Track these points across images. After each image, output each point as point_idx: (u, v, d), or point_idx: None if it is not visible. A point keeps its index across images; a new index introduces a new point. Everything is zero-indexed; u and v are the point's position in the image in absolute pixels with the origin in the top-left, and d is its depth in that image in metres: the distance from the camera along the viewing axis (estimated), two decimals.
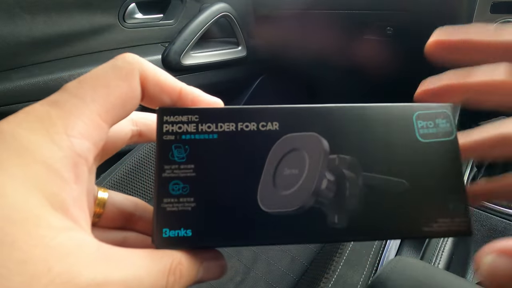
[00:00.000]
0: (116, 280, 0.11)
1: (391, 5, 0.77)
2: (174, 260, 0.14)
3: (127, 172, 0.61)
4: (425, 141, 0.17)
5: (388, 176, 0.17)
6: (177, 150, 0.16)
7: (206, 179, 0.16)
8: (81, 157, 0.12)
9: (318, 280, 0.42)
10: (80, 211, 0.12)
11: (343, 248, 0.45)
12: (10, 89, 0.65)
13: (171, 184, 0.15)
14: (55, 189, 0.11)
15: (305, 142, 0.17)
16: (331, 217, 0.16)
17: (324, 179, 0.16)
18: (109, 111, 0.13)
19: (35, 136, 0.11)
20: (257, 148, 0.16)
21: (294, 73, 1.18)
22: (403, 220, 0.16)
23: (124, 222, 0.18)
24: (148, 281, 0.12)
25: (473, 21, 0.63)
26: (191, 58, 0.88)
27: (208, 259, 0.16)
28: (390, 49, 0.84)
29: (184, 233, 0.15)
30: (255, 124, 0.16)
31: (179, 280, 0.14)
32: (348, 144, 0.17)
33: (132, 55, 0.14)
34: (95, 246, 0.12)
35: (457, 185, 0.17)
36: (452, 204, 0.16)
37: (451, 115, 0.18)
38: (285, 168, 0.16)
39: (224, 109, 0.17)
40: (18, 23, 0.67)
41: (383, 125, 0.17)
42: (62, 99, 0.13)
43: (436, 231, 0.16)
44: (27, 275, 0.10)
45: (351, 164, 0.16)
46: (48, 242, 0.10)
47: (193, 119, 0.16)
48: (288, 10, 0.94)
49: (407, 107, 0.17)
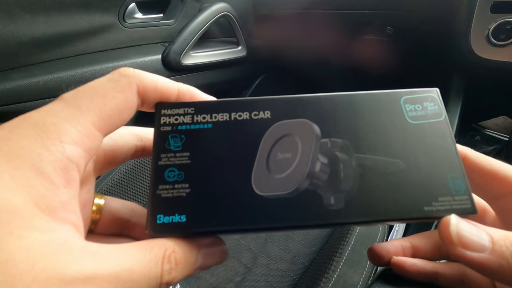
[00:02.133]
0: (105, 272, 0.11)
1: (391, 5, 0.77)
2: (168, 248, 0.14)
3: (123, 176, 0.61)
4: (415, 122, 0.17)
5: (383, 157, 0.17)
6: (173, 139, 0.16)
7: (201, 166, 0.16)
8: (72, 162, 0.12)
9: (318, 280, 0.42)
10: (70, 214, 0.12)
11: (343, 248, 0.45)
12: (10, 89, 0.65)
13: (166, 171, 0.16)
14: (42, 192, 0.11)
15: (297, 127, 0.17)
16: (327, 199, 0.16)
17: (318, 161, 0.16)
18: (103, 120, 0.14)
19: (27, 141, 0.12)
20: (250, 135, 0.17)
21: (294, 73, 1.18)
22: (402, 200, 0.16)
23: (120, 228, 0.18)
24: (140, 271, 0.12)
25: (473, 21, 0.63)
26: (191, 58, 0.88)
27: (207, 245, 0.16)
28: (390, 49, 0.84)
29: (179, 218, 0.15)
30: (247, 113, 0.17)
31: (176, 267, 0.14)
32: (339, 129, 0.17)
33: (129, 69, 0.15)
34: (81, 244, 0.12)
35: (454, 163, 0.17)
36: (452, 181, 0.16)
37: (438, 98, 0.18)
38: (278, 152, 0.16)
39: (219, 101, 0.17)
40: (18, 23, 0.67)
41: (372, 110, 0.18)
42: (58, 107, 0.13)
43: (437, 210, 0.16)
44: (8, 274, 0.10)
45: (344, 146, 0.17)
46: (31, 242, 0.10)
47: (189, 111, 0.17)
48: (288, 10, 0.94)
49: (394, 93, 0.18)
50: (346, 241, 0.46)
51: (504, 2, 0.60)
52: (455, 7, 0.67)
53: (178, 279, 0.14)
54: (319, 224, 0.16)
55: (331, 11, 0.86)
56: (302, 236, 0.54)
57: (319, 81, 1.09)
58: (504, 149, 0.80)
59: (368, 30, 0.84)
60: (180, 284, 0.48)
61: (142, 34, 0.90)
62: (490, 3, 0.61)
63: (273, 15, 0.98)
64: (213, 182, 0.16)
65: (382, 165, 0.16)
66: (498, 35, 0.61)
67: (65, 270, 0.10)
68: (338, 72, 1.02)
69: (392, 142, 0.17)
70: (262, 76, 1.20)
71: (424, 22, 0.75)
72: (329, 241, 0.52)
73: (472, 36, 0.64)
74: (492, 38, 0.62)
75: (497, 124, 0.88)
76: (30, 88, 0.67)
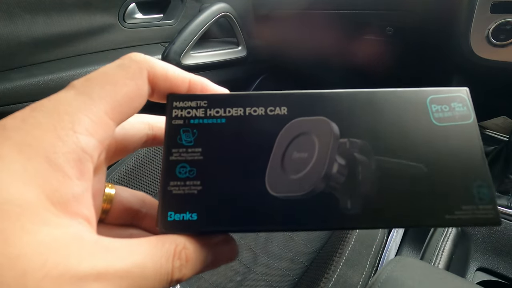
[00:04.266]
0: (117, 269, 0.11)
1: (391, 5, 0.77)
2: (178, 245, 0.13)
3: (128, 171, 0.61)
4: (441, 124, 0.16)
5: (404, 160, 0.16)
6: (185, 134, 0.16)
7: (213, 163, 0.15)
8: (87, 154, 0.12)
9: (318, 280, 0.42)
10: (82, 208, 0.12)
11: (343, 248, 0.45)
12: (10, 89, 0.65)
13: (178, 167, 0.15)
14: (55, 185, 0.11)
15: (315, 126, 0.16)
16: (343, 203, 0.15)
17: (335, 162, 0.16)
18: (116, 109, 0.13)
19: (39, 131, 0.11)
20: (265, 132, 0.16)
21: (294, 73, 1.18)
22: (423, 207, 0.15)
23: (130, 218, 0.18)
24: (152, 267, 0.12)
25: (473, 21, 0.63)
26: (191, 58, 0.88)
27: (217, 243, 0.15)
28: (390, 49, 0.84)
29: (190, 216, 0.15)
30: (263, 109, 0.16)
31: (186, 264, 0.13)
32: (358, 128, 0.16)
33: (140, 54, 0.14)
34: (94, 239, 0.11)
35: (480, 169, 0.16)
36: (477, 189, 0.15)
37: (467, 99, 0.17)
38: (294, 152, 0.16)
39: (233, 95, 0.17)
40: (18, 23, 0.67)
41: (395, 109, 0.16)
42: (70, 95, 0.13)
43: (459, 219, 0.15)
44: (20, 270, 0.09)
45: (363, 147, 0.16)
46: (43, 237, 0.10)
47: (201, 104, 0.16)
48: (288, 10, 0.94)
49: (420, 92, 0.17)
50: (346, 241, 0.46)
51: (504, 2, 0.60)
52: (455, 7, 0.67)
53: (188, 276, 0.14)
54: (334, 228, 0.15)
55: (331, 11, 0.86)
56: (302, 236, 0.54)
57: (319, 81, 1.09)
58: (504, 149, 0.80)
59: (368, 30, 0.84)
60: (180, 284, 0.48)
61: (142, 34, 0.90)
62: (490, 3, 0.61)
63: (273, 15, 0.98)
64: (225, 180, 0.15)
65: (403, 169, 0.16)
66: (498, 35, 0.61)
67: (77, 266, 0.10)
68: (338, 72, 1.02)
69: (415, 144, 0.16)
70: (262, 76, 1.20)
71: (424, 22, 0.75)
72: (329, 241, 0.52)
73: (472, 36, 0.64)
74: (492, 38, 0.62)
75: (497, 124, 0.88)
76: (30, 88, 0.67)
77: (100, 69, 0.14)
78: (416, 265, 0.36)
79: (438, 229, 0.58)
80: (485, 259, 0.56)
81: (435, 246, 0.55)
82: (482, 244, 0.58)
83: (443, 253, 0.54)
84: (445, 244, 0.55)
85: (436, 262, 0.53)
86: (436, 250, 0.54)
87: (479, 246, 0.58)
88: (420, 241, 0.60)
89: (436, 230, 0.58)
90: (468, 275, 0.55)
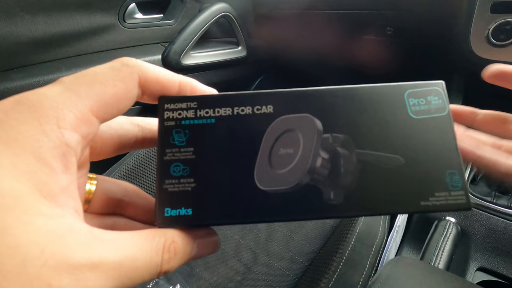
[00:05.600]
0: (110, 260, 0.11)
1: (391, 5, 0.77)
2: (168, 238, 0.14)
3: (128, 171, 0.61)
4: (417, 117, 0.17)
5: (383, 153, 0.17)
6: (177, 134, 0.17)
7: (205, 161, 0.16)
8: (70, 148, 0.13)
9: (318, 280, 0.42)
10: (70, 200, 0.12)
11: (343, 248, 0.45)
12: (10, 89, 0.65)
13: (172, 166, 0.16)
14: (43, 178, 0.11)
15: (299, 122, 0.17)
16: (327, 194, 0.16)
17: (319, 157, 0.17)
18: (102, 108, 0.14)
19: (25, 126, 0.12)
20: (253, 130, 0.17)
21: (294, 73, 1.18)
22: (400, 195, 0.16)
23: (113, 207, 0.18)
24: (142, 259, 0.13)
25: (473, 21, 0.63)
26: (191, 58, 0.88)
27: (201, 236, 0.16)
28: (390, 49, 0.84)
29: (185, 212, 0.16)
30: (250, 108, 0.17)
31: (174, 257, 0.14)
32: (341, 123, 0.17)
33: (131, 59, 0.15)
34: (87, 230, 0.12)
35: (453, 158, 0.17)
36: (450, 177, 0.17)
37: (442, 92, 0.18)
38: (280, 148, 0.17)
39: (221, 95, 0.18)
40: (18, 23, 0.67)
41: (375, 104, 0.17)
42: (56, 90, 0.13)
43: (433, 205, 0.16)
44: (20, 259, 0.10)
45: (345, 141, 0.17)
46: (39, 227, 0.10)
47: (191, 105, 0.17)
48: (288, 10, 0.94)
49: (398, 86, 0.18)
50: (346, 241, 0.46)
51: (504, 2, 0.60)
52: (455, 7, 0.67)
53: (175, 268, 0.14)
54: (318, 217, 0.16)
55: (331, 11, 0.86)
56: (302, 236, 0.54)
57: (319, 81, 1.09)
58: None
59: (368, 30, 0.84)
60: (180, 284, 0.48)
61: (142, 34, 0.90)
62: (490, 3, 0.61)
63: (273, 15, 0.98)
64: (217, 177, 0.16)
65: (382, 161, 0.17)
66: (498, 35, 0.61)
67: (73, 256, 0.11)
68: (338, 72, 1.02)
69: (393, 137, 0.17)
70: (262, 76, 1.20)
71: (424, 22, 0.75)
72: (329, 241, 0.52)
73: (472, 36, 0.64)
74: (492, 38, 0.62)
75: None
76: (30, 88, 0.66)
77: (91, 69, 0.14)
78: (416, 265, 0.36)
79: (438, 229, 0.58)
80: (485, 259, 0.56)
81: (435, 246, 0.55)
82: (482, 244, 0.58)
83: (443, 253, 0.54)
84: (445, 244, 0.55)
85: (436, 262, 0.53)
86: (436, 250, 0.54)
87: (479, 246, 0.58)
88: (420, 241, 0.60)
89: (436, 230, 0.58)
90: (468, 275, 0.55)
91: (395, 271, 0.34)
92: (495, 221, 0.59)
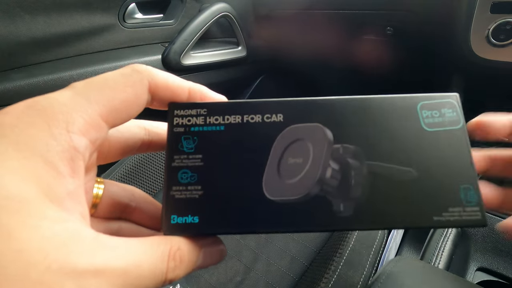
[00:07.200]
0: (114, 267, 0.11)
1: (391, 5, 0.77)
2: (173, 246, 0.14)
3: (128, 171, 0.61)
4: (431, 130, 0.17)
5: (395, 165, 0.16)
6: (186, 141, 0.17)
7: (213, 168, 0.16)
8: (78, 153, 0.13)
9: (318, 280, 0.42)
10: (76, 204, 0.12)
11: (343, 248, 0.45)
12: (10, 89, 0.65)
13: (180, 173, 0.16)
14: (51, 182, 0.11)
15: (309, 132, 0.17)
16: (336, 206, 0.16)
17: (329, 167, 0.16)
18: (111, 113, 0.14)
19: (34, 130, 0.12)
20: (262, 138, 0.17)
21: (294, 73, 1.18)
22: (412, 209, 0.16)
23: (119, 212, 0.18)
24: (147, 267, 0.12)
25: (473, 21, 0.63)
26: (191, 58, 0.88)
27: (207, 245, 0.16)
28: (390, 49, 0.84)
29: (192, 219, 0.15)
30: (260, 116, 0.17)
31: (180, 265, 0.14)
32: (352, 134, 0.17)
33: (142, 65, 0.15)
34: (92, 235, 0.12)
35: (468, 173, 0.16)
36: (464, 192, 0.16)
37: (457, 105, 0.17)
38: (289, 157, 0.16)
39: (231, 103, 0.17)
40: (18, 23, 0.67)
41: (387, 115, 0.17)
42: (67, 95, 0.13)
43: (447, 220, 0.16)
44: (23, 263, 0.10)
45: (356, 153, 0.17)
46: (43, 232, 0.10)
47: (201, 112, 0.17)
48: (288, 10, 0.94)
49: (411, 98, 0.17)
50: (346, 241, 0.46)
51: (504, 2, 0.60)
52: (455, 7, 0.67)
53: (180, 277, 0.14)
54: (327, 230, 0.16)
55: (331, 11, 0.86)
56: (302, 236, 0.54)
57: (319, 81, 1.09)
58: None
59: (368, 30, 0.84)
60: (180, 284, 0.48)
61: (142, 34, 0.90)
62: (490, 3, 0.61)
63: (273, 15, 0.98)
64: (225, 185, 0.16)
65: (393, 173, 0.16)
66: (498, 36, 0.61)
67: (77, 262, 0.11)
68: (338, 72, 1.02)
69: (406, 150, 0.17)
70: (262, 76, 1.20)
71: (424, 23, 0.75)
72: (329, 242, 0.52)
73: (472, 36, 0.64)
74: (492, 39, 0.62)
75: None
76: (30, 88, 0.67)
77: (102, 75, 0.14)
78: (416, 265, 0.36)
79: (438, 229, 0.58)
80: (485, 259, 0.56)
81: (435, 246, 0.55)
82: (482, 244, 0.58)
83: (443, 253, 0.54)
84: (445, 244, 0.55)
85: (436, 262, 0.53)
86: (436, 250, 0.54)
87: (479, 246, 0.58)
88: (420, 241, 0.60)
89: (436, 230, 0.58)
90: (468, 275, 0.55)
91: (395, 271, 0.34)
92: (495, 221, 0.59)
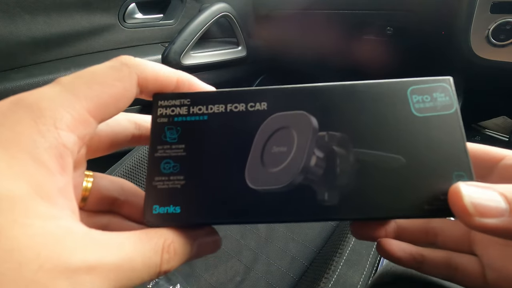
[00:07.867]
0: (107, 262, 0.11)
1: (391, 5, 0.77)
2: (167, 239, 0.14)
3: (127, 172, 0.61)
4: (421, 115, 0.16)
5: (383, 152, 0.16)
6: (170, 131, 0.16)
7: (196, 158, 0.16)
8: (67, 149, 0.12)
9: (318, 280, 0.42)
10: (66, 200, 0.12)
11: (343, 248, 0.45)
12: (10, 89, 0.65)
13: (162, 163, 0.16)
14: (40, 179, 0.11)
15: (294, 120, 0.16)
16: (321, 195, 0.15)
17: (313, 156, 0.16)
18: (99, 108, 0.13)
19: (21, 127, 0.12)
20: (246, 127, 0.16)
21: (294, 73, 1.18)
22: (402, 197, 0.15)
23: (108, 205, 0.18)
24: (140, 260, 0.12)
25: (473, 21, 0.63)
26: (191, 58, 0.88)
27: (202, 236, 0.16)
28: (390, 49, 0.84)
29: (173, 209, 0.15)
30: (244, 105, 0.17)
31: (174, 257, 0.14)
32: (338, 121, 0.16)
33: (130, 57, 0.15)
34: (84, 231, 0.12)
35: (461, 159, 0.15)
36: (457, 180, 0.15)
37: (450, 88, 0.16)
38: (273, 146, 0.16)
39: (214, 92, 0.17)
40: (18, 23, 0.67)
41: (375, 101, 0.16)
42: (54, 91, 0.13)
43: (439, 209, 0.15)
44: (15, 262, 0.10)
45: (341, 140, 0.16)
46: (35, 230, 0.10)
47: (185, 102, 0.17)
48: (288, 10, 0.94)
49: (400, 82, 0.17)
50: (346, 241, 0.46)
51: (504, 2, 0.60)
52: (455, 8, 0.67)
53: (175, 267, 0.14)
54: (311, 220, 0.16)
55: (331, 11, 0.86)
56: (302, 236, 0.54)
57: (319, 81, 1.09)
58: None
59: (368, 30, 0.84)
60: (180, 284, 0.48)
61: (142, 34, 0.90)
62: (490, 3, 0.61)
63: (273, 15, 0.98)
64: (207, 175, 0.16)
65: (381, 161, 0.16)
66: (498, 35, 0.61)
67: (69, 259, 0.10)
68: (338, 72, 1.02)
69: (394, 136, 0.16)
70: (262, 76, 1.20)
71: (424, 22, 0.75)
72: (329, 241, 0.52)
73: (472, 36, 0.64)
74: (492, 39, 0.62)
75: (497, 124, 0.88)
76: (30, 88, 0.66)
77: (90, 68, 0.14)
78: None
79: None
80: None
81: None
82: None
83: None
84: None
85: None
86: None
87: None
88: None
89: None
90: None
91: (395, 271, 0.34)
92: None
